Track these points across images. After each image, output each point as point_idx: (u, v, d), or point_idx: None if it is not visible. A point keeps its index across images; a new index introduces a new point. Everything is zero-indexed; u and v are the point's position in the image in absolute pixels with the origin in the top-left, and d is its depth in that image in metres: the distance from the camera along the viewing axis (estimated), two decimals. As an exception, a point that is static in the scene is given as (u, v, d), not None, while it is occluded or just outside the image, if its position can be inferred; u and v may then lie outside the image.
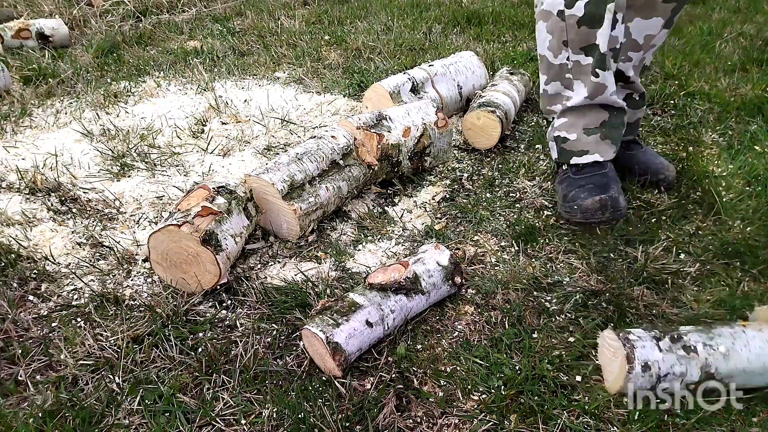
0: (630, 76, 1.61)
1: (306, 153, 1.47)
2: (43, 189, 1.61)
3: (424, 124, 1.66)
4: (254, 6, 3.51)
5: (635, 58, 1.59)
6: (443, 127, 1.70)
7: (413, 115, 1.67)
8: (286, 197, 1.38)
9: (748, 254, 1.39)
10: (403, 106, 1.71)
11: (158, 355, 1.13)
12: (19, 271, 1.32)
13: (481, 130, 1.85)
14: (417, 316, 1.22)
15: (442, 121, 1.70)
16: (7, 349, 1.13)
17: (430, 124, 1.67)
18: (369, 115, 1.62)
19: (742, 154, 1.78)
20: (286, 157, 1.46)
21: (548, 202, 1.60)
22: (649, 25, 1.52)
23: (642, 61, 1.62)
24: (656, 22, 1.51)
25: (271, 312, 1.24)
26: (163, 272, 1.28)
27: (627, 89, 1.64)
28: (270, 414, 1.01)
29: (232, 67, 2.54)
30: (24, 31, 2.69)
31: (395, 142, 1.60)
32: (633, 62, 1.59)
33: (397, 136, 1.60)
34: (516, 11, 3.33)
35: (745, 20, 3.12)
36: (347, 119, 1.60)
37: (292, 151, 1.48)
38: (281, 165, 1.43)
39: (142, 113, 2.11)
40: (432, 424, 1.00)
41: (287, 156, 1.46)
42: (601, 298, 1.26)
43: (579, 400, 1.04)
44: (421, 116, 1.67)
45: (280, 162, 1.44)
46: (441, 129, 1.70)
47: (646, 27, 1.52)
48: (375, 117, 1.62)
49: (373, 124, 1.60)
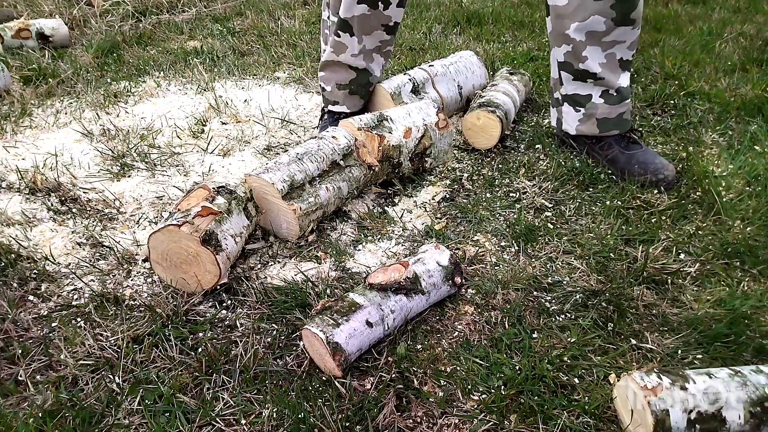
0: (597, 73, 1.65)
1: (306, 153, 1.47)
2: (43, 189, 1.61)
3: (425, 125, 1.66)
4: (254, 6, 3.51)
5: (593, 56, 1.63)
6: (444, 128, 1.70)
7: (414, 116, 1.67)
8: (286, 197, 1.38)
9: (748, 254, 1.39)
10: (404, 107, 1.70)
11: (158, 355, 1.13)
12: (19, 271, 1.32)
13: (481, 130, 1.85)
14: (417, 316, 1.22)
15: (443, 121, 1.70)
16: (7, 349, 1.13)
17: (431, 125, 1.67)
18: (370, 116, 1.62)
19: (742, 154, 1.78)
20: (286, 157, 1.46)
21: (548, 202, 1.60)
22: (590, 24, 1.57)
23: (611, 58, 1.64)
24: (596, 20, 1.56)
25: (271, 312, 1.24)
26: (163, 272, 1.28)
27: (600, 86, 1.69)
28: (270, 414, 1.01)
29: (232, 67, 2.54)
30: (24, 31, 2.69)
31: (396, 143, 1.60)
32: (594, 59, 1.63)
33: (398, 137, 1.60)
34: (516, 11, 3.33)
35: (745, 20, 3.12)
36: (348, 120, 1.60)
37: (292, 151, 1.48)
38: (281, 165, 1.43)
39: (142, 113, 2.11)
40: (432, 424, 1.00)
41: (287, 156, 1.46)
42: (601, 298, 1.26)
43: (579, 400, 1.04)
44: (422, 117, 1.67)
45: (280, 162, 1.44)
46: (442, 130, 1.69)
47: (587, 26, 1.58)
48: (376, 118, 1.62)
49: (375, 125, 1.60)
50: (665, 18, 3.15)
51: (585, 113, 1.74)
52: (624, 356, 1.13)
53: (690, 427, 0.93)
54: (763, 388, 0.95)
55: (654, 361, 1.13)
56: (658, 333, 1.19)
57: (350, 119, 1.60)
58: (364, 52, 1.81)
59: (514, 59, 2.59)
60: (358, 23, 1.73)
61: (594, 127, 1.75)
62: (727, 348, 1.15)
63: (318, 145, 1.51)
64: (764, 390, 0.95)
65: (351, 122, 1.59)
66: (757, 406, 0.94)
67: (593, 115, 1.73)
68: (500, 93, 1.95)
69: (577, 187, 1.67)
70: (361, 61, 1.83)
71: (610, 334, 1.18)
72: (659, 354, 1.14)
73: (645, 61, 2.56)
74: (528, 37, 2.93)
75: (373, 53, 1.84)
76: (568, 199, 1.61)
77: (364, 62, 1.84)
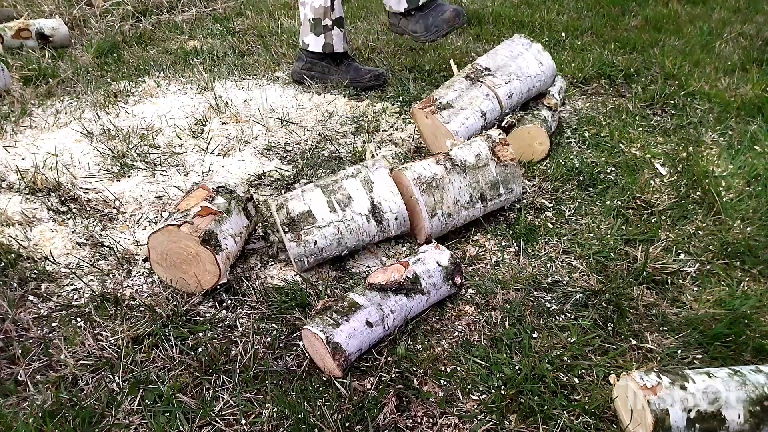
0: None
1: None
2: (43, 189, 1.61)
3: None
4: (254, 6, 3.51)
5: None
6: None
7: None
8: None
9: (748, 254, 1.39)
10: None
11: (158, 355, 1.13)
12: (19, 271, 1.32)
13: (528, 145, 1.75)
14: (417, 316, 1.22)
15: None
16: (7, 349, 1.13)
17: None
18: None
19: (742, 154, 1.78)
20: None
21: (548, 202, 1.60)
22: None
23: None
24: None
25: (271, 312, 1.24)
26: (163, 272, 1.28)
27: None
28: (270, 414, 1.01)
29: (232, 67, 2.54)
30: (24, 31, 2.69)
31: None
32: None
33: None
34: (516, 11, 3.33)
35: (745, 20, 3.12)
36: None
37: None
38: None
39: (142, 113, 2.11)
40: (432, 424, 1.00)
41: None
42: (601, 298, 1.26)
43: (579, 400, 1.04)
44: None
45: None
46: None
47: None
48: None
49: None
50: (665, 18, 3.15)
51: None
52: (624, 356, 1.13)
53: (690, 427, 0.93)
54: (763, 387, 0.95)
55: (654, 360, 1.13)
56: (658, 333, 1.19)
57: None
58: None
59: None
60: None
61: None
62: (727, 348, 1.15)
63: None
64: (764, 389, 0.95)
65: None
66: (756, 406, 0.94)
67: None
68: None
69: (577, 187, 1.67)
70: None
71: (610, 334, 1.18)
72: (659, 354, 1.14)
73: (645, 61, 2.56)
74: (528, 37, 2.92)
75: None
76: (568, 199, 1.62)
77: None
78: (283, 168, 1.78)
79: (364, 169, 1.36)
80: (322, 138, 1.96)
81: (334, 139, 1.95)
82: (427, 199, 1.35)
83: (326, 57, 2.28)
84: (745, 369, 0.99)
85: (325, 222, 1.28)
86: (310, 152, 1.87)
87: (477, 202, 1.42)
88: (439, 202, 1.36)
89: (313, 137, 1.97)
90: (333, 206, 1.30)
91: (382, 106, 2.18)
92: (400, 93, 2.27)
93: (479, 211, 1.44)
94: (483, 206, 1.44)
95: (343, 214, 1.30)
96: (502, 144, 1.44)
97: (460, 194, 1.39)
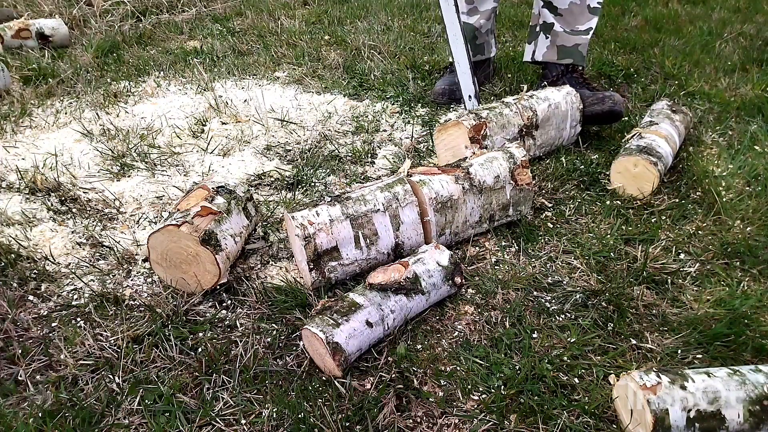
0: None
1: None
2: (43, 189, 1.61)
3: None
4: (254, 6, 3.51)
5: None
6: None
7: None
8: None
9: (748, 254, 1.39)
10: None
11: (158, 355, 1.13)
12: (19, 271, 1.33)
13: (633, 178, 1.62)
14: (417, 316, 1.22)
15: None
16: (7, 349, 1.14)
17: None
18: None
19: (742, 154, 1.78)
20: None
21: (548, 202, 1.60)
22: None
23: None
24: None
25: (271, 312, 1.24)
26: (162, 272, 1.28)
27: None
28: (270, 414, 1.01)
29: (232, 67, 2.54)
30: (24, 31, 2.69)
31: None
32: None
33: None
34: (516, 11, 3.33)
35: (745, 20, 3.12)
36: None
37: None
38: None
39: (142, 113, 2.11)
40: (432, 424, 1.00)
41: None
42: (601, 298, 1.26)
43: (579, 400, 1.04)
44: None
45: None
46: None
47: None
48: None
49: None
50: (665, 18, 3.15)
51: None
52: (624, 356, 1.13)
53: (689, 426, 0.93)
54: (762, 387, 0.95)
55: (654, 360, 1.13)
56: (658, 333, 1.19)
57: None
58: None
59: (514, 59, 2.59)
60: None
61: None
62: (726, 348, 1.15)
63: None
64: (763, 389, 0.95)
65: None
66: (756, 405, 0.94)
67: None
68: (663, 139, 1.68)
69: (577, 187, 1.67)
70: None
71: (610, 334, 1.18)
72: (659, 354, 1.14)
73: (645, 61, 2.56)
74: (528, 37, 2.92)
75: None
76: (568, 199, 1.62)
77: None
78: (283, 168, 1.78)
79: (395, 201, 1.31)
80: (321, 138, 1.96)
81: (334, 138, 1.96)
82: (438, 219, 1.36)
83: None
84: (745, 369, 0.99)
85: (349, 260, 1.29)
86: (310, 152, 1.87)
87: (485, 222, 1.44)
88: (449, 222, 1.37)
89: (313, 137, 1.97)
90: (359, 243, 1.28)
91: (382, 106, 2.18)
92: (400, 93, 2.27)
93: (484, 228, 1.46)
94: (489, 225, 1.46)
95: (367, 253, 1.30)
96: (522, 167, 1.44)
97: (471, 215, 1.40)
